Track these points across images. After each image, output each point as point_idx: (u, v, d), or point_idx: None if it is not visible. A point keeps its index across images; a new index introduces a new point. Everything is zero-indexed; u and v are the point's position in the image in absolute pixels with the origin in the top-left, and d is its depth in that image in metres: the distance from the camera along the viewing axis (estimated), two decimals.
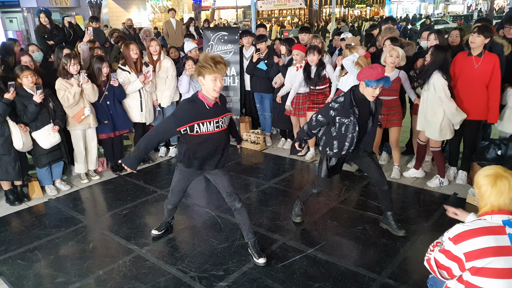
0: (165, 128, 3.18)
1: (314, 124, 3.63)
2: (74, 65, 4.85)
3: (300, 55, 5.48)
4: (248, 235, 3.52)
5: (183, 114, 3.09)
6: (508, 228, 1.91)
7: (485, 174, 2.04)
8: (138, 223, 4.26)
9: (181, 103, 3.24)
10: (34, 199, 4.90)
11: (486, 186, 2.00)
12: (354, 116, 3.43)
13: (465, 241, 1.91)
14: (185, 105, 3.15)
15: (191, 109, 3.10)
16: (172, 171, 5.69)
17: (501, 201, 1.96)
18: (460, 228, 1.97)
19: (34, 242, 3.96)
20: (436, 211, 4.23)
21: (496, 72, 4.28)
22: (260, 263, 3.43)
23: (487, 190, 1.99)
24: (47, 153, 4.79)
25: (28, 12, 19.30)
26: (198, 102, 3.12)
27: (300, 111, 5.69)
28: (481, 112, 4.45)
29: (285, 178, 5.31)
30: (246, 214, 3.48)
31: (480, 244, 1.88)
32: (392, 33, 5.35)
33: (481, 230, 1.92)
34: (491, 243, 1.87)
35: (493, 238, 1.88)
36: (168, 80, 5.74)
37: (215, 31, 6.70)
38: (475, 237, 1.90)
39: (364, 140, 3.62)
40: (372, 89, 3.32)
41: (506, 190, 1.96)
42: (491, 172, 2.02)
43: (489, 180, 2.00)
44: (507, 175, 1.99)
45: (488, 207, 1.99)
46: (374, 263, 3.44)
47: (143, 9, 26.01)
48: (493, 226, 1.93)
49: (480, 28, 4.28)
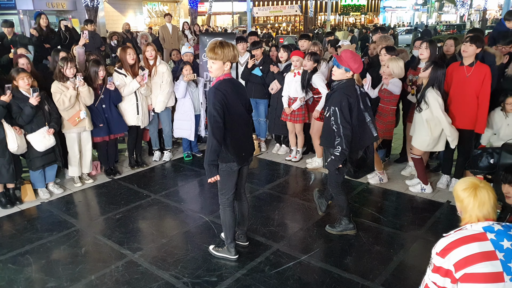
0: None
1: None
2: (70, 68, 4.85)
3: (300, 61, 5.52)
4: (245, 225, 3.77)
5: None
6: (489, 234, 1.96)
7: (463, 188, 2.10)
8: (131, 228, 4.24)
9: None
10: (27, 202, 4.86)
11: (468, 198, 2.06)
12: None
13: (451, 252, 1.95)
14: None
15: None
16: (166, 175, 5.71)
17: (485, 211, 2.02)
18: (444, 241, 2.01)
19: (25, 246, 3.92)
20: (429, 219, 4.26)
21: (486, 83, 4.34)
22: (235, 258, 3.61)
23: (470, 202, 2.05)
24: (41, 155, 4.76)
25: (24, 15, 19.23)
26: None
27: (296, 117, 5.72)
28: (472, 121, 4.51)
29: (279, 183, 5.32)
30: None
31: (466, 252, 1.92)
32: (387, 42, 5.41)
33: (464, 238, 1.96)
34: (475, 249, 1.92)
35: (476, 245, 1.93)
36: (163, 86, 5.74)
37: (211, 36, 6.72)
38: (460, 246, 1.94)
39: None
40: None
41: (487, 199, 2.02)
42: (469, 184, 2.08)
43: (469, 193, 2.06)
44: (483, 185, 2.06)
45: (473, 217, 2.04)
46: (367, 270, 3.44)
47: (140, 13, 26.02)
48: (475, 233, 1.98)
49: (472, 38, 4.35)
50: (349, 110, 3.50)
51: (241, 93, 3.29)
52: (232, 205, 3.50)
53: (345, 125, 3.49)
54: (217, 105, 3.05)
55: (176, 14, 27.64)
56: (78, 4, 20.35)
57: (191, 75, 5.71)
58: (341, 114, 3.49)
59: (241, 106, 3.25)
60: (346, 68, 3.54)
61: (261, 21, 39.13)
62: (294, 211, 4.56)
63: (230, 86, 3.17)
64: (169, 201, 4.86)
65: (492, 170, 4.30)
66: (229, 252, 3.61)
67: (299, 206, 4.67)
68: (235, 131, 3.22)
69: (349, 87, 3.57)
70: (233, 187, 3.43)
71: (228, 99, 3.10)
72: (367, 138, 3.71)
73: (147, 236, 4.11)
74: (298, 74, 5.56)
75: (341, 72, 3.57)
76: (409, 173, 5.37)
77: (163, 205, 4.77)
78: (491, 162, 4.32)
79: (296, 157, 6.05)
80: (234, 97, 3.17)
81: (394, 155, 6.06)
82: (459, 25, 33.35)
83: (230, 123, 3.15)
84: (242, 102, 3.28)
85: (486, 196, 2.03)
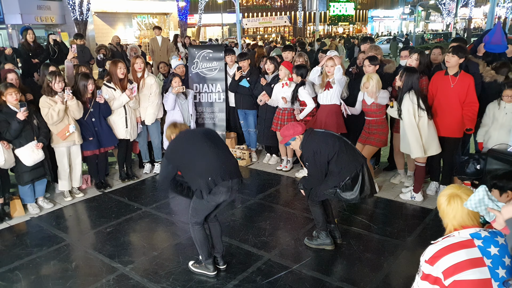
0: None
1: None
2: (59, 82, 4.85)
3: (283, 71, 5.58)
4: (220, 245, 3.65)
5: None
6: (476, 240, 1.99)
7: (442, 194, 2.17)
8: (122, 241, 4.22)
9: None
10: (16, 217, 4.82)
11: (444, 205, 2.14)
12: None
13: (440, 259, 1.98)
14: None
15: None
16: (156, 187, 5.69)
17: (459, 219, 2.08)
18: (433, 249, 2.05)
19: (14, 262, 3.88)
20: (418, 226, 4.30)
21: (470, 91, 4.46)
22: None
23: (445, 209, 2.13)
24: (30, 170, 4.73)
25: (13, 29, 19.20)
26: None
27: None
28: (457, 129, 4.59)
29: (270, 193, 5.34)
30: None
31: (454, 260, 1.95)
32: (376, 52, 5.46)
33: (452, 246, 2.00)
34: (463, 257, 1.94)
35: (464, 252, 1.96)
36: (152, 98, 5.77)
37: (200, 49, 6.77)
38: (448, 254, 1.97)
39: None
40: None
41: (459, 208, 2.08)
42: (447, 192, 2.15)
43: (445, 200, 2.14)
44: (460, 193, 2.11)
45: (451, 225, 2.10)
46: (358, 278, 3.46)
47: (129, 26, 26.10)
48: (462, 240, 2.01)
49: (454, 48, 4.45)
50: (325, 151, 3.58)
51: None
52: (201, 223, 3.48)
53: (314, 173, 3.65)
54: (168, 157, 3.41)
55: (165, 27, 27.76)
56: (67, 18, 20.41)
57: (180, 87, 5.73)
58: (313, 164, 3.61)
59: (195, 143, 3.32)
60: (293, 138, 3.70)
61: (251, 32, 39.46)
62: (285, 221, 4.57)
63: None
64: (160, 213, 4.85)
65: (479, 176, 4.37)
66: (207, 269, 3.56)
67: (290, 215, 4.69)
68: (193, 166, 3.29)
69: (311, 138, 3.65)
70: (205, 215, 3.46)
71: (178, 148, 3.34)
72: (358, 157, 3.71)
73: (138, 249, 4.09)
74: (287, 85, 5.62)
75: (295, 143, 3.73)
76: (399, 181, 5.43)
77: (154, 217, 4.76)
78: (477, 168, 4.39)
79: (287, 167, 6.08)
80: (185, 140, 3.36)
81: (383, 163, 6.13)
82: (445, 34, 33.99)
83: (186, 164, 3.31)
84: (198, 137, 3.38)
85: (459, 205, 2.08)
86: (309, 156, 3.61)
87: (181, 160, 3.30)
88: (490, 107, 4.62)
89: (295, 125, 3.74)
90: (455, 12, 41.50)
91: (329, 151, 3.55)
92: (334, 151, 3.56)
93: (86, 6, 18.58)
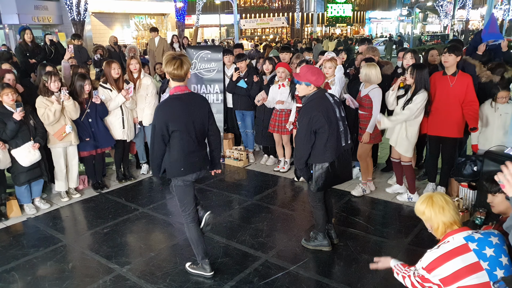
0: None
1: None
2: (54, 82, 4.83)
3: (285, 73, 5.58)
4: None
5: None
6: (471, 244, 1.98)
7: (420, 202, 2.19)
8: (119, 242, 4.21)
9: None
10: (12, 218, 4.80)
11: (427, 209, 2.13)
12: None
13: (437, 268, 1.98)
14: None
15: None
16: (154, 188, 5.69)
17: (448, 216, 2.06)
18: (430, 256, 2.05)
19: (11, 263, 3.86)
20: (415, 227, 4.30)
21: (470, 90, 4.48)
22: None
23: (430, 212, 2.11)
24: (27, 170, 4.71)
25: (10, 29, 19.13)
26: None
27: (283, 129, 5.76)
28: (457, 129, 4.60)
29: (268, 194, 5.33)
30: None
31: (452, 269, 1.95)
32: (373, 53, 5.49)
33: (448, 254, 1.99)
34: (460, 264, 1.94)
35: (460, 259, 1.95)
36: (148, 98, 5.76)
37: (198, 49, 6.77)
38: (445, 263, 1.97)
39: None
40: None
41: (444, 203, 2.08)
42: (423, 198, 2.18)
43: (426, 204, 2.13)
44: (430, 195, 2.16)
45: (442, 226, 2.08)
46: (355, 279, 3.47)
47: (127, 27, 26.05)
48: (457, 246, 2.00)
49: (450, 48, 4.52)
50: (318, 123, 3.46)
51: (191, 110, 3.26)
52: (195, 220, 3.45)
53: (301, 142, 3.53)
54: (156, 122, 3.21)
55: (163, 27, 27.74)
56: (65, 18, 20.32)
57: None
58: (302, 131, 3.50)
59: (187, 123, 3.22)
60: (306, 83, 3.52)
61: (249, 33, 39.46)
62: (283, 222, 4.57)
63: (176, 103, 3.22)
64: (157, 214, 4.84)
65: (476, 178, 4.40)
66: (203, 269, 3.55)
67: (287, 216, 4.69)
68: (177, 146, 3.23)
69: (318, 99, 3.53)
70: (192, 201, 3.41)
71: (169, 118, 3.17)
72: (338, 147, 3.60)
73: (135, 249, 4.08)
74: (283, 86, 5.62)
75: (303, 88, 3.57)
76: (395, 182, 5.42)
77: (151, 218, 4.75)
78: (474, 169, 4.42)
79: (284, 168, 6.08)
80: (178, 115, 3.20)
81: (380, 164, 6.13)
82: (443, 35, 34.09)
83: (172, 139, 3.22)
84: (191, 118, 3.25)
85: (443, 200, 2.08)
86: (303, 120, 3.50)
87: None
88: (482, 109, 4.65)
89: (321, 74, 3.54)
90: (452, 14, 41.66)
91: (323, 123, 3.45)
92: (327, 131, 3.46)
93: (84, 7, 18.51)
